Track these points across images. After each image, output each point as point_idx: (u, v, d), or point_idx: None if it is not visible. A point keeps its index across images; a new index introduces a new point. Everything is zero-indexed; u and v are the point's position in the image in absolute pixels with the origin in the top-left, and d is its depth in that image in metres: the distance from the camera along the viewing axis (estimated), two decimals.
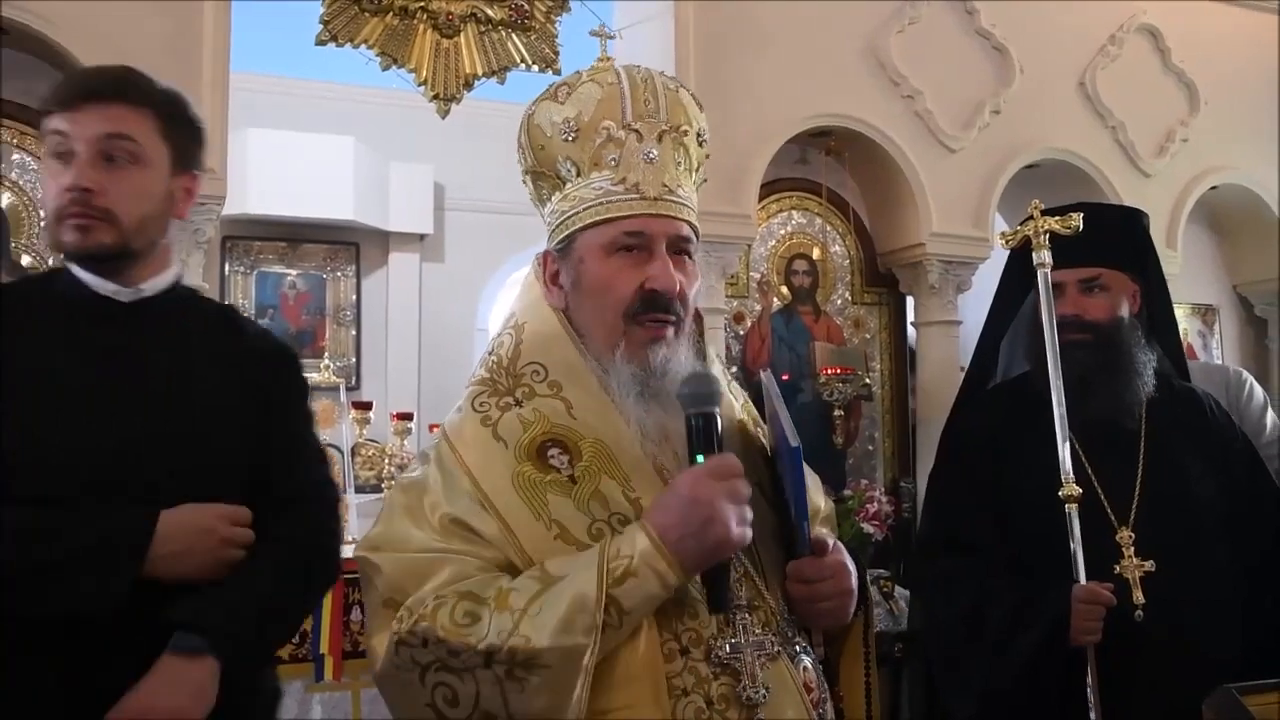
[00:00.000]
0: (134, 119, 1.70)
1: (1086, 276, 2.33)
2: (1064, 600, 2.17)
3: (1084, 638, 2.15)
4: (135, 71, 1.76)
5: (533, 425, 1.44)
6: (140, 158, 1.70)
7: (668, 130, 1.47)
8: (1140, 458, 2.30)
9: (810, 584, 1.43)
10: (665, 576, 1.30)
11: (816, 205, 4.06)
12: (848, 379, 3.77)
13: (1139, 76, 4.37)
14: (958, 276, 3.98)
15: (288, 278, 7.29)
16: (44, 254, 3.02)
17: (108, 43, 2.87)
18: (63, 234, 1.67)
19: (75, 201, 1.65)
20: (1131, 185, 4.28)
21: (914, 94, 3.90)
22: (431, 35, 3.29)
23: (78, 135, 1.66)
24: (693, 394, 1.37)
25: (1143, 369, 2.32)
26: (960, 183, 3.97)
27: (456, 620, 1.30)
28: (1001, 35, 4.05)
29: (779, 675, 1.37)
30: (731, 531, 1.30)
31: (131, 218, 1.70)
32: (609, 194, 1.45)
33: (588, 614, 1.27)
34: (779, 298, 3.99)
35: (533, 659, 1.26)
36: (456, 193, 7.91)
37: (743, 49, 3.64)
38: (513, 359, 1.51)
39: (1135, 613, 2.17)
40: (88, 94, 1.68)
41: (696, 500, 1.30)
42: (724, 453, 1.36)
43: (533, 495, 1.39)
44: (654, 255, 1.43)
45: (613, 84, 1.48)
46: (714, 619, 1.36)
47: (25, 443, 1.65)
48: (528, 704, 1.27)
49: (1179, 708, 1.72)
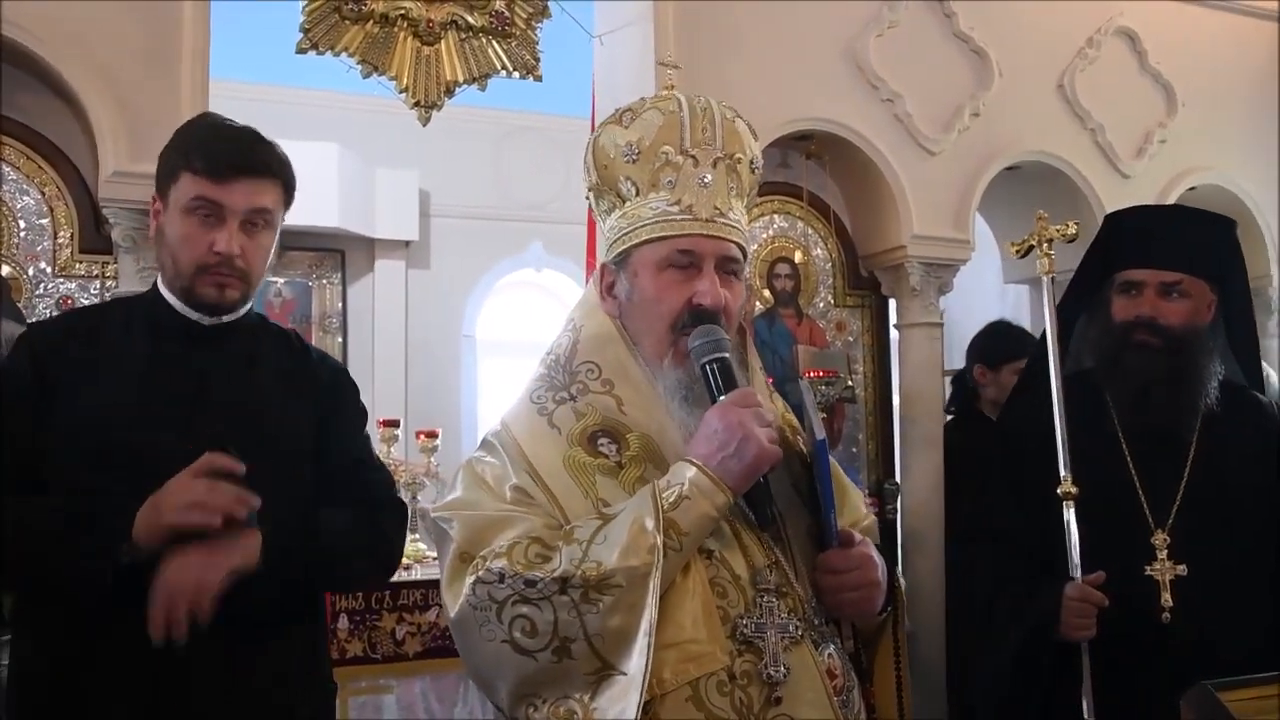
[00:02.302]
0: (272, 193, 1.97)
1: (1169, 281, 2.32)
2: (1055, 596, 2.19)
3: (1075, 634, 2.17)
4: (264, 139, 2.00)
5: (585, 417, 1.58)
6: (272, 224, 1.98)
7: (722, 157, 1.61)
8: (1187, 463, 2.31)
9: (838, 575, 1.53)
10: (714, 495, 1.43)
11: (798, 209, 4.08)
12: (831, 381, 3.78)
13: (1117, 78, 4.40)
14: (939, 278, 4.00)
15: (273, 285, 7.29)
16: (23, 264, 3.01)
17: (84, 49, 2.86)
18: (200, 286, 1.92)
19: (222, 264, 1.90)
20: (1111, 186, 4.31)
21: (893, 97, 3.92)
22: (412, 43, 3.29)
23: (229, 206, 1.90)
24: (703, 344, 1.52)
25: (1206, 379, 2.31)
26: (940, 185, 4.00)
27: (529, 558, 1.42)
28: (980, 38, 4.08)
29: (801, 658, 1.46)
30: (765, 446, 1.44)
31: (258, 276, 1.99)
32: (665, 214, 1.58)
33: (649, 535, 1.39)
34: (761, 301, 4.00)
35: (604, 580, 1.37)
36: (442, 199, 7.92)
37: (722, 53, 3.66)
38: (570, 358, 1.64)
39: (1162, 615, 2.19)
40: (240, 169, 1.91)
41: (730, 426, 1.44)
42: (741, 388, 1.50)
43: (582, 475, 1.52)
44: (703, 273, 1.57)
45: (674, 111, 1.62)
46: (741, 598, 1.47)
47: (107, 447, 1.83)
48: (603, 624, 1.37)
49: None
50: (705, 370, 1.52)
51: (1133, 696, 2.17)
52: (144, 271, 2.85)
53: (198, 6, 3.02)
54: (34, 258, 3.03)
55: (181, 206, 1.91)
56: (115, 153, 2.86)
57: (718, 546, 1.48)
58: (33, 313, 2.96)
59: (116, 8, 2.92)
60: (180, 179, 1.92)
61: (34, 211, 3.04)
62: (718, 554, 1.48)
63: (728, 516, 1.48)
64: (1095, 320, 2.42)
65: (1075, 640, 2.17)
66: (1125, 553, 2.24)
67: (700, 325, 1.53)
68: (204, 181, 1.89)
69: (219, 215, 1.89)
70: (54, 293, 3.04)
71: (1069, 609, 2.17)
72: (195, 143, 1.97)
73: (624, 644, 1.36)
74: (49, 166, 3.04)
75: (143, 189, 2.68)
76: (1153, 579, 2.23)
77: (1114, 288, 2.35)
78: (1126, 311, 2.32)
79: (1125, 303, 2.33)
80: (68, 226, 3.06)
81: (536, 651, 1.39)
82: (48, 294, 3.03)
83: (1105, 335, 2.37)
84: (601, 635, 1.37)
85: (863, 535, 1.63)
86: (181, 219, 1.91)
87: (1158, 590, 2.21)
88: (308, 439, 2.02)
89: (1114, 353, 2.34)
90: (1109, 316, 2.36)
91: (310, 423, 2.03)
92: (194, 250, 1.90)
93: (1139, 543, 2.26)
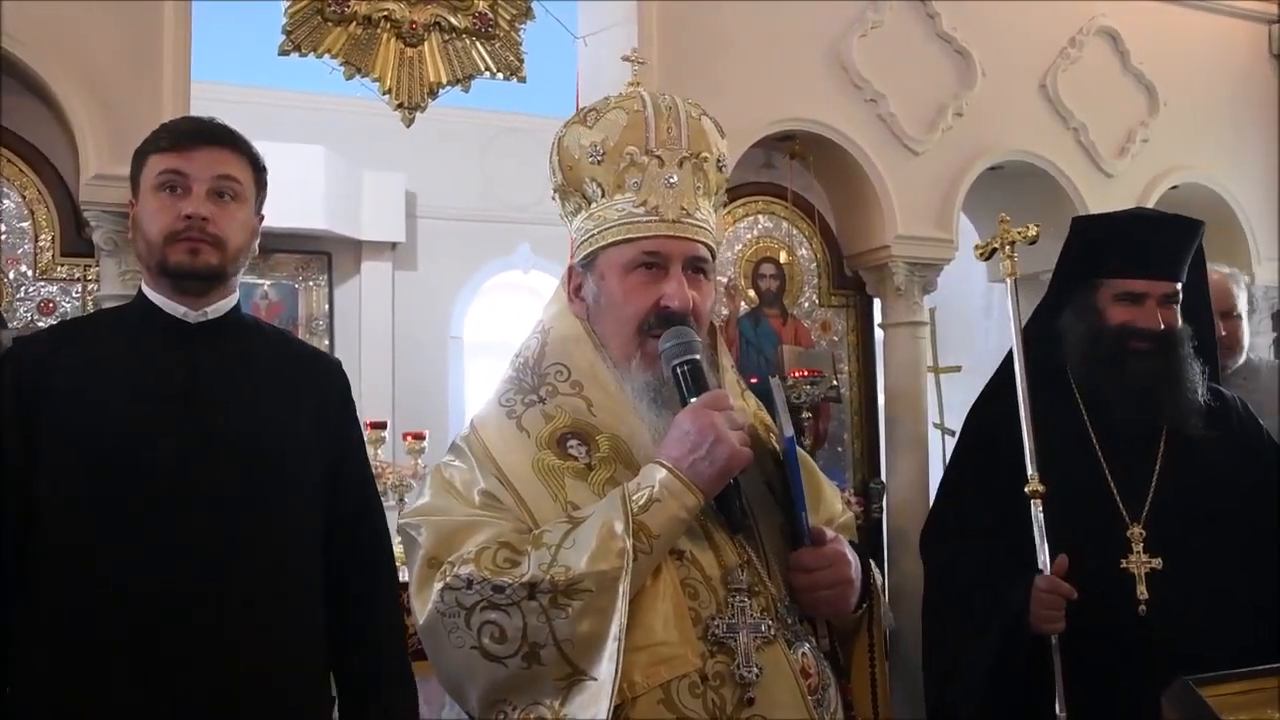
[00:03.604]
0: (238, 164, 1.99)
1: (1169, 292, 2.36)
2: (1025, 590, 2.20)
3: (1045, 626, 2.19)
4: (226, 125, 2.05)
5: (554, 419, 1.56)
6: (241, 196, 1.99)
7: (688, 156, 1.59)
8: (1159, 456, 2.34)
9: (810, 573, 1.52)
10: (684, 497, 1.42)
11: (782, 209, 4.09)
12: (815, 381, 3.79)
13: (1099, 78, 4.43)
14: (923, 278, 4.02)
15: (260, 288, 7.26)
16: (3, 268, 3.00)
17: (65, 51, 2.85)
18: (173, 254, 1.92)
19: (191, 227, 1.91)
20: (1094, 186, 4.33)
21: (877, 97, 3.94)
22: (395, 44, 3.28)
23: (193, 173, 1.93)
24: (674, 346, 1.50)
25: (1197, 376, 2.36)
26: (924, 185, 4.01)
27: (498, 564, 1.41)
28: (963, 39, 4.10)
29: (774, 658, 1.45)
30: (736, 449, 1.43)
31: (233, 245, 1.97)
32: (631, 215, 1.57)
33: (618, 539, 1.37)
34: (746, 301, 4.01)
35: (573, 585, 1.36)
36: (428, 201, 7.91)
37: (706, 54, 3.67)
38: (538, 360, 1.63)
39: (1139, 608, 2.21)
40: (200, 138, 1.97)
41: (701, 428, 1.43)
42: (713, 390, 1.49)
43: (551, 478, 1.51)
44: (670, 275, 1.55)
45: (638, 111, 1.60)
46: (713, 599, 1.45)
47: (100, 449, 1.85)
48: (573, 629, 1.36)
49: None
50: (676, 372, 1.50)
51: (1109, 689, 2.18)
52: (126, 274, 2.84)
53: (179, 8, 3.01)
54: (15, 261, 3.02)
55: (150, 185, 1.94)
56: (96, 155, 2.86)
57: (689, 547, 1.47)
58: (14, 316, 2.95)
59: (97, 10, 2.91)
60: (147, 162, 1.96)
61: (14, 214, 3.03)
62: (689, 554, 1.47)
63: (699, 517, 1.47)
64: (1081, 323, 2.44)
65: (1046, 633, 2.19)
66: (1101, 547, 2.26)
67: (669, 327, 1.52)
68: (168, 155, 1.94)
69: (185, 185, 1.92)
70: (35, 296, 3.02)
71: (1038, 600, 2.18)
72: (160, 128, 2.03)
73: (594, 649, 1.35)
74: (29, 169, 3.03)
75: (124, 192, 2.65)
76: (1129, 572, 2.25)
77: (1108, 296, 2.37)
78: (1125, 318, 2.35)
79: (1124, 310, 2.36)
80: (49, 229, 3.04)
81: (506, 658, 1.38)
82: (29, 297, 3.02)
83: (1096, 339, 2.39)
84: (571, 640, 1.36)
85: (837, 533, 1.62)
86: (151, 197, 1.94)
87: (1134, 584, 2.23)
88: (309, 440, 2.03)
89: (1108, 357, 2.36)
90: (1101, 321, 2.38)
91: (311, 425, 2.04)
92: (163, 219, 1.92)
93: (1114, 537, 2.28)
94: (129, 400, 1.90)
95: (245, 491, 1.91)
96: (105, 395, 1.89)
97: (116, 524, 1.83)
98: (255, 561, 1.90)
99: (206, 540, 1.86)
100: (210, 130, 1.99)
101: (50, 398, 1.87)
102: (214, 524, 1.86)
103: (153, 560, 1.82)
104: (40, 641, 1.84)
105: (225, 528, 1.87)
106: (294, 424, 2.02)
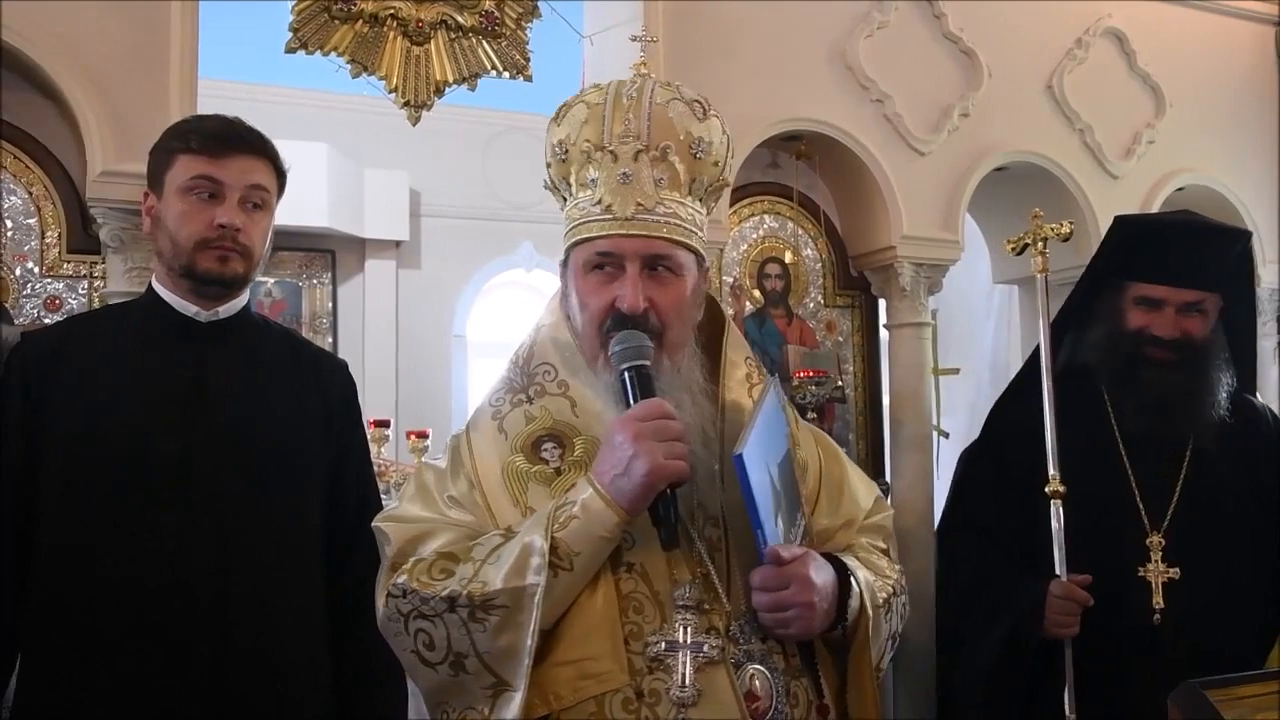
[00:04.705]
0: (267, 173, 2.01)
1: (1190, 300, 2.31)
2: (1038, 594, 2.20)
3: (1059, 631, 2.18)
4: (252, 126, 2.04)
5: (535, 420, 1.56)
6: (267, 204, 2.02)
7: (646, 149, 1.52)
8: (1184, 466, 2.32)
9: (768, 594, 1.45)
10: (602, 515, 1.39)
11: (788, 209, 4.08)
12: (821, 382, 3.78)
13: (1106, 79, 4.42)
14: (929, 279, 4.01)
15: (263, 285, 7.27)
16: (10, 264, 3.00)
17: (71, 48, 2.85)
18: (202, 261, 1.94)
19: (224, 236, 1.93)
20: (1100, 187, 4.32)
21: (883, 98, 3.93)
22: (402, 42, 3.28)
23: (228, 180, 1.95)
24: (622, 350, 1.47)
25: (1218, 390, 2.33)
26: (930, 186, 4.00)
27: (433, 575, 1.43)
28: (969, 39, 4.09)
29: (715, 680, 1.40)
30: (656, 464, 1.37)
31: (258, 254, 2.02)
32: (589, 214, 1.53)
33: (537, 556, 1.37)
34: (751, 301, 4.00)
35: (489, 600, 1.37)
36: (432, 199, 7.91)
37: (712, 54, 3.66)
38: (528, 359, 1.63)
39: (1153, 617, 2.20)
40: (235, 146, 1.97)
41: (622, 442, 1.39)
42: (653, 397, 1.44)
43: (515, 484, 1.51)
44: (626, 275, 1.50)
45: (597, 104, 1.56)
46: (657, 615, 1.42)
47: (106, 445, 1.85)
48: (491, 642, 1.38)
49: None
50: (622, 378, 1.46)
51: (1120, 697, 2.18)
52: (132, 271, 2.84)
53: (186, 5, 3.01)
54: (21, 258, 3.01)
55: (179, 186, 1.94)
56: (103, 152, 2.85)
57: (641, 559, 1.44)
58: (20, 312, 2.95)
59: (104, 7, 2.90)
60: (176, 162, 1.95)
61: (21, 211, 3.02)
62: (639, 567, 1.44)
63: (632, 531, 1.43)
64: (1103, 323, 2.41)
65: (1058, 638, 2.18)
66: (1119, 553, 2.26)
67: (621, 330, 1.48)
68: (201, 159, 1.93)
69: (218, 192, 1.93)
70: (41, 293, 3.02)
71: (1053, 606, 2.18)
72: (189, 127, 2.01)
73: (514, 661, 1.36)
74: (36, 166, 3.02)
75: (130, 188, 2.67)
76: (1145, 581, 2.23)
77: (1129, 298, 2.35)
78: (1143, 323, 2.32)
79: (1142, 315, 2.33)
80: (55, 226, 3.04)
81: (436, 664, 1.41)
82: (35, 294, 3.01)
83: (1115, 341, 2.37)
84: (491, 653, 1.37)
85: (819, 548, 1.55)
86: (180, 199, 1.94)
87: (1149, 592, 2.22)
88: (313, 439, 2.04)
89: (1124, 361, 2.34)
90: (1121, 323, 2.36)
91: (315, 424, 2.05)
92: (194, 225, 1.93)
93: (1134, 544, 2.27)
94: (136, 396, 1.90)
95: (248, 489, 1.92)
96: (112, 391, 1.90)
97: (119, 520, 1.84)
98: (257, 558, 1.92)
99: (209, 537, 1.87)
100: (244, 137, 2.00)
101: (57, 393, 1.88)
102: (216, 521, 1.88)
103: (155, 556, 1.83)
104: (45, 636, 1.85)
105: (227, 524, 1.89)
106: (298, 423, 2.03)
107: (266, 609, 1.91)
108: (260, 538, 1.93)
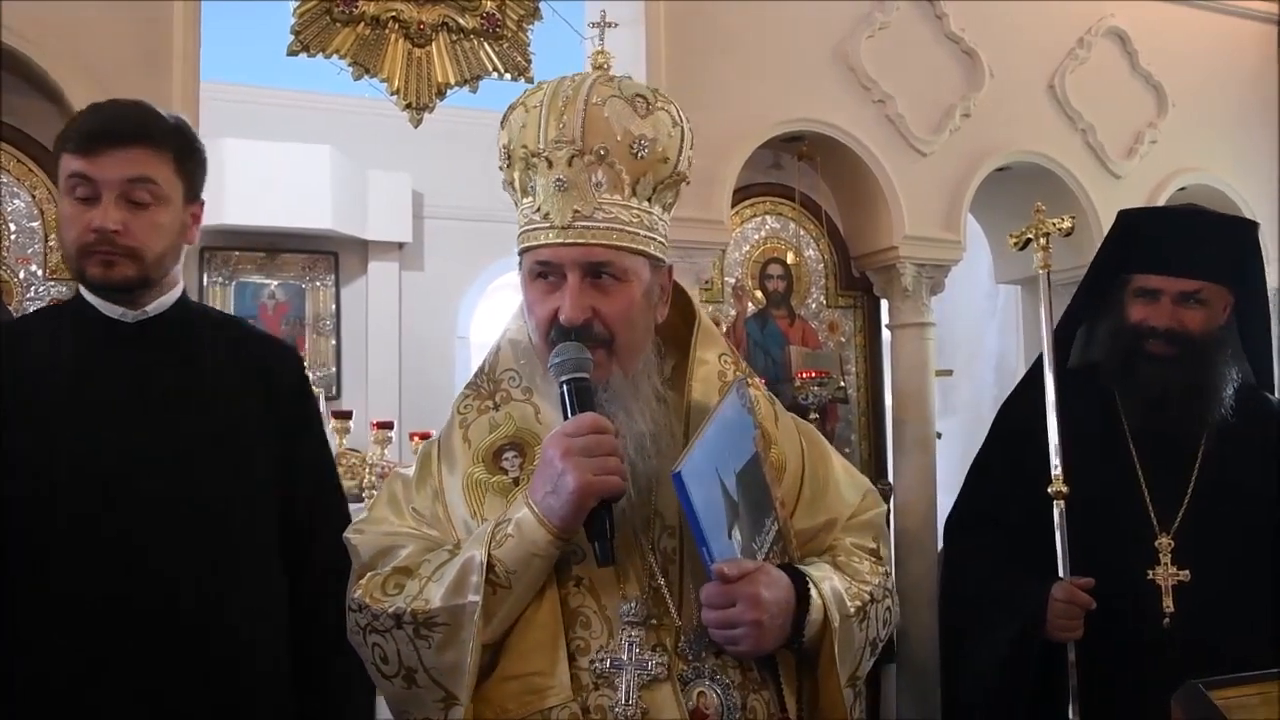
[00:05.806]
0: (154, 161, 1.81)
1: (1187, 290, 2.25)
2: (1041, 597, 2.18)
3: (1061, 634, 2.16)
4: (148, 109, 1.86)
5: (499, 428, 1.54)
6: (160, 197, 1.82)
7: (580, 153, 1.43)
8: (1195, 466, 2.27)
9: (715, 611, 1.40)
10: (534, 533, 1.38)
11: (790, 210, 4.08)
12: (823, 382, 3.78)
13: (1108, 79, 4.42)
14: (931, 279, 4.01)
15: (266, 288, 7.27)
16: (13, 268, 3.01)
17: (74, 50, 2.86)
18: (88, 267, 1.79)
19: (101, 240, 1.77)
20: (1102, 187, 4.32)
21: (885, 98, 3.93)
22: (403, 45, 3.29)
23: (100, 179, 1.76)
24: (560, 363, 1.42)
25: (1222, 387, 2.26)
26: (932, 186, 4.01)
27: (386, 591, 1.44)
28: (971, 39, 4.09)
29: (661, 698, 1.38)
30: (585, 481, 1.34)
31: (153, 253, 1.82)
32: (531, 222, 1.48)
33: (475, 574, 1.37)
34: (754, 302, 4.01)
35: (431, 618, 1.38)
36: (435, 201, 7.91)
37: (714, 55, 3.67)
38: (494, 366, 1.61)
39: (1163, 620, 2.17)
40: (108, 138, 1.77)
41: (553, 458, 1.38)
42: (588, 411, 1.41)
43: (473, 494, 1.50)
44: (566, 284, 1.44)
45: (535, 108, 1.49)
46: (605, 630, 1.41)
47: (37, 457, 1.75)
48: (436, 658, 1.39)
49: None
50: (561, 391, 1.42)
51: (1128, 700, 2.15)
52: None
53: (189, 8, 3.02)
54: (25, 261, 3.02)
55: (62, 188, 1.81)
56: None
57: (589, 574, 1.42)
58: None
59: (107, 9, 2.91)
60: (60, 162, 1.81)
61: (24, 214, 3.03)
62: (587, 582, 1.43)
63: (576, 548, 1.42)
64: (1106, 318, 2.38)
65: (1061, 641, 2.17)
66: (1127, 555, 2.22)
67: (562, 346, 1.43)
68: (76, 158, 1.78)
69: (94, 191, 1.77)
70: (45, 296, 3.03)
71: (1054, 609, 2.16)
72: (74, 123, 1.86)
73: (458, 676, 1.37)
74: (39, 169, 3.03)
75: None
76: (1154, 583, 2.20)
77: (1129, 291, 2.31)
78: (1141, 315, 2.28)
79: (1141, 307, 2.29)
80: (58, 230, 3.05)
81: (391, 677, 1.43)
82: (38, 297, 3.02)
83: (1116, 336, 2.33)
84: (438, 668, 1.38)
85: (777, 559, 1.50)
86: (64, 201, 1.81)
87: (1159, 595, 2.19)
88: (256, 433, 1.93)
89: (1125, 356, 2.31)
90: (1122, 317, 2.32)
91: (258, 418, 1.93)
92: (73, 230, 1.79)
93: (1142, 546, 2.23)
94: (66, 407, 1.79)
95: (191, 491, 1.83)
96: (42, 403, 1.79)
97: (60, 531, 1.76)
98: (205, 565, 1.82)
99: (153, 542, 1.79)
100: (118, 128, 1.79)
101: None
102: (157, 532, 1.79)
103: (99, 564, 1.74)
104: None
105: (170, 534, 1.80)
106: (241, 416, 1.91)
107: (220, 609, 1.82)
108: (207, 544, 1.82)
